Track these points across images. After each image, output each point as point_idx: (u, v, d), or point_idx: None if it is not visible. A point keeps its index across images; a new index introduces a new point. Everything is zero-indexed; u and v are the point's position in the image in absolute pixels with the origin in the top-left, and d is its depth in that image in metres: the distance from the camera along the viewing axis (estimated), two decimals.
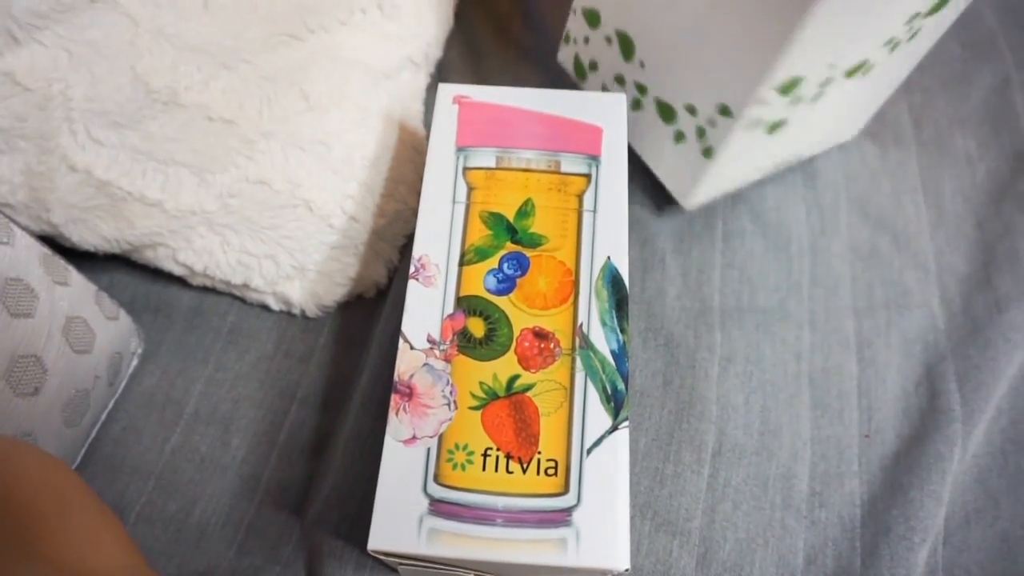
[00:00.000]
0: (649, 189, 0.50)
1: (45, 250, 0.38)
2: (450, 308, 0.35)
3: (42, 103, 0.38)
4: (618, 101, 0.41)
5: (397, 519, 0.30)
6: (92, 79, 0.39)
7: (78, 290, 0.39)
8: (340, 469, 0.40)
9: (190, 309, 0.46)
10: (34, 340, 0.35)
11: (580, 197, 0.38)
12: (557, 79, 0.56)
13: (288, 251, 0.43)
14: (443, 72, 0.55)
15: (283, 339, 0.45)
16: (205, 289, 0.46)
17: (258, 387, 0.44)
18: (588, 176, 0.38)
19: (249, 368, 0.44)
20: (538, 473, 0.31)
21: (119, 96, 0.40)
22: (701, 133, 0.41)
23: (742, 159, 0.43)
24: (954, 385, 0.44)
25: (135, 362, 0.44)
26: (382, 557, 0.31)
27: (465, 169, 0.38)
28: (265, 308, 0.46)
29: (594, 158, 0.39)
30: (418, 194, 0.48)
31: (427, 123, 0.52)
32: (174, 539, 0.40)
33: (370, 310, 0.46)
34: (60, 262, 0.39)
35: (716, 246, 0.49)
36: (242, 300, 0.46)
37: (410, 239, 0.47)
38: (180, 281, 0.46)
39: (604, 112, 0.40)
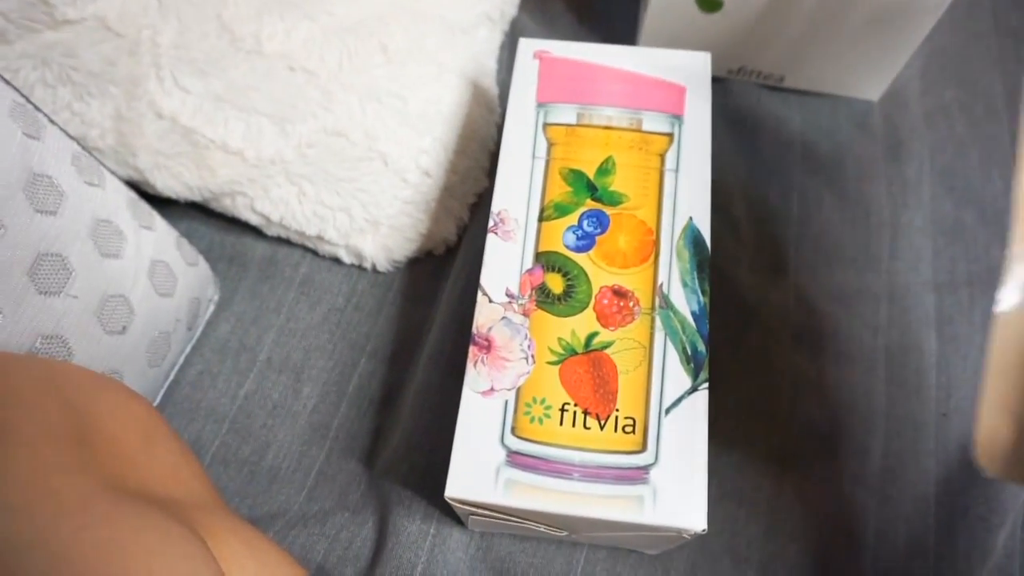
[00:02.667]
0: (728, 151, 0.49)
1: (132, 195, 0.39)
2: (529, 263, 0.34)
3: (132, 48, 0.39)
4: (703, 60, 0.40)
5: (474, 469, 0.30)
6: (180, 26, 0.39)
7: (161, 235, 0.40)
8: (408, 421, 0.41)
9: (264, 259, 0.47)
10: (122, 280, 0.36)
11: (662, 156, 0.37)
12: (630, 39, 0.55)
13: (362, 204, 0.43)
14: (516, 30, 0.54)
15: (353, 292, 0.46)
16: (279, 240, 0.47)
17: (328, 338, 0.45)
18: (671, 135, 0.38)
19: (320, 319, 0.45)
20: (615, 430, 0.31)
21: (205, 43, 0.40)
22: None
23: None
24: None
25: (211, 309, 0.45)
26: (456, 505, 0.31)
27: (545, 125, 0.38)
28: (336, 261, 0.46)
29: (677, 117, 0.38)
30: (489, 152, 0.48)
31: (500, 81, 0.51)
32: (247, 481, 0.41)
33: (438, 267, 0.47)
34: (145, 207, 0.39)
35: (792, 216, 0.48)
36: (314, 252, 0.46)
37: (480, 197, 0.47)
38: (254, 231, 0.46)
39: (688, 71, 0.39)
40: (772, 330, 0.43)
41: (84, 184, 0.35)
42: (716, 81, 0.51)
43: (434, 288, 0.46)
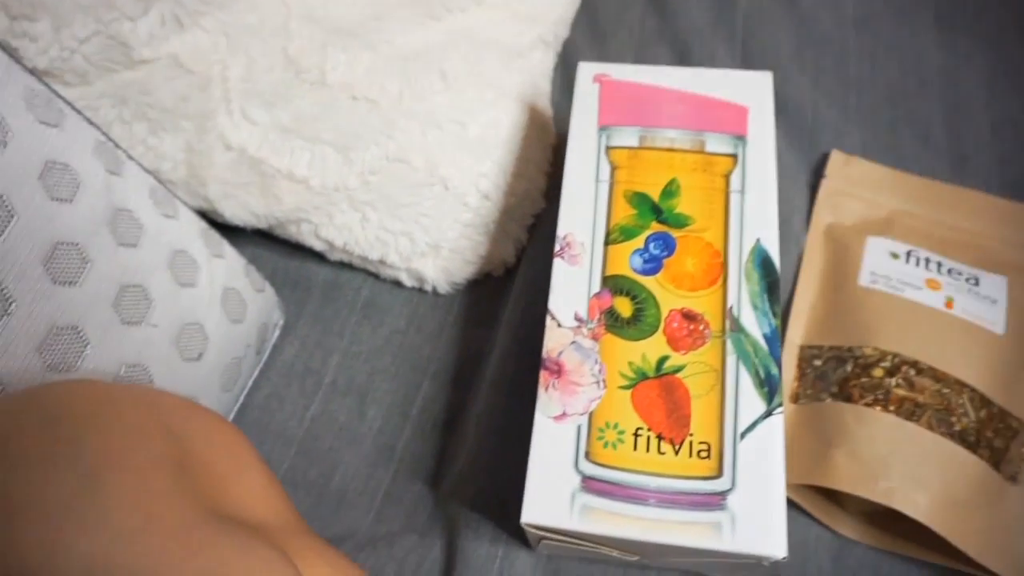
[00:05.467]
0: (790, 169, 0.48)
1: (203, 224, 0.40)
2: (596, 287, 0.34)
3: (203, 84, 0.40)
4: (764, 78, 0.40)
5: (550, 494, 0.30)
6: (247, 60, 0.41)
7: (231, 263, 0.41)
8: (473, 444, 0.41)
9: (327, 283, 0.47)
10: (198, 308, 0.37)
11: (727, 177, 0.37)
12: (684, 59, 0.55)
13: (424, 228, 0.44)
14: (568, 51, 0.55)
15: (415, 315, 0.46)
16: (341, 264, 0.48)
17: (391, 360, 0.45)
18: (735, 156, 0.37)
19: (383, 342, 0.46)
20: (690, 455, 0.31)
21: (271, 76, 0.41)
22: None
23: None
24: None
25: (277, 333, 0.46)
26: (530, 531, 0.31)
27: (608, 148, 0.38)
28: (398, 284, 0.47)
29: (740, 138, 0.38)
30: (545, 174, 0.48)
31: (555, 103, 0.52)
32: (316, 503, 0.41)
33: (497, 288, 0.47)
34: (216, 235, 0.41)
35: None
36: (376, 276, 0.47)
37: (538, 218, 0.48)
38: (317, 256, 0.47)
39: (749, 90, 0.39)
40: None
41: (161, 216, 0.37)
42: None
43: (493, 309, 0.46)
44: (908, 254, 0.43)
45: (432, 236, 0.44)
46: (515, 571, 0.38)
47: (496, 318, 0.46)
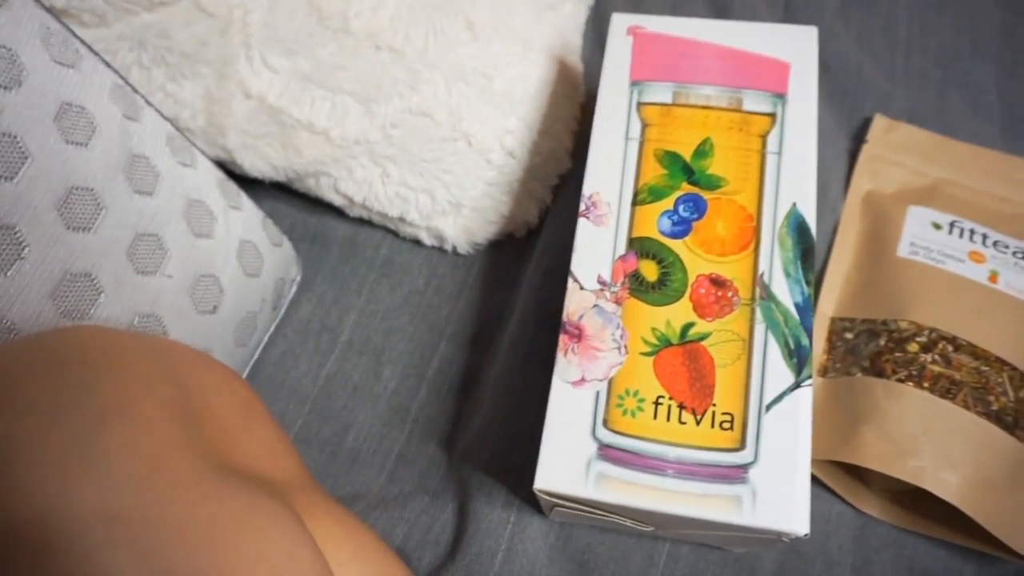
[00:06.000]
0: (830, 133, 0.46)
1: (221, 175, 0.39)
2: (622, 249, 0.33)
3: (223, 28, 0.39)
4: (808, 33, 0.37)
5: (565, 461, 0.29)
6: (270, 5, 0.39)
7: (249, 215, 0.40)
8: (489, 407, 0.40)
9: (345, 240, 0.47)
10: (213, 260, 0.37)
11: (764, 138, 0.35)
12: (723, 13, 0.52)
13: (445, 185, 0.43)
14: (602, 5, 0.53)
15: (434, 275, 0.45)
16: (360, 221, 0.47)
17: (408, 320, 0.44)
18: (773, 115, 0.35)
19: (400, 301, 0.45)
20: (712, 426, 0.29)
21: (293, 22, 0.40)
22: None
23: None
24: None
25: (294, 289, 0.45)
26: (543, 497, 0.30)
27: (640, 104, 0.36)
28: (417, 243, 0.46)
29: (780, 96, 0.36)
30: (572, 133, 0.46)
31: (585, 58, 0.50)
32: (329, 461, 0.41)
33: (519, 250, 0.46)
34: (234, 187, 0.40)
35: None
36: (395, 233, 0.46)
37: (563, 179, 0.46)
38: (336, 212, 0.46)
39: (792, 46, 0.37)
40: None
41: (178, 164, 0.36)
42: None
43: (515, 271, 0.45)
44: (952, 225, 0.40)
45: (454, 194, 0.43)
46: (527, 537, 0.37)
47: (517, 280, 0.44)
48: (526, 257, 0.45)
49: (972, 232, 0.40)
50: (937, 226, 0.41)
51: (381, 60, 0.41)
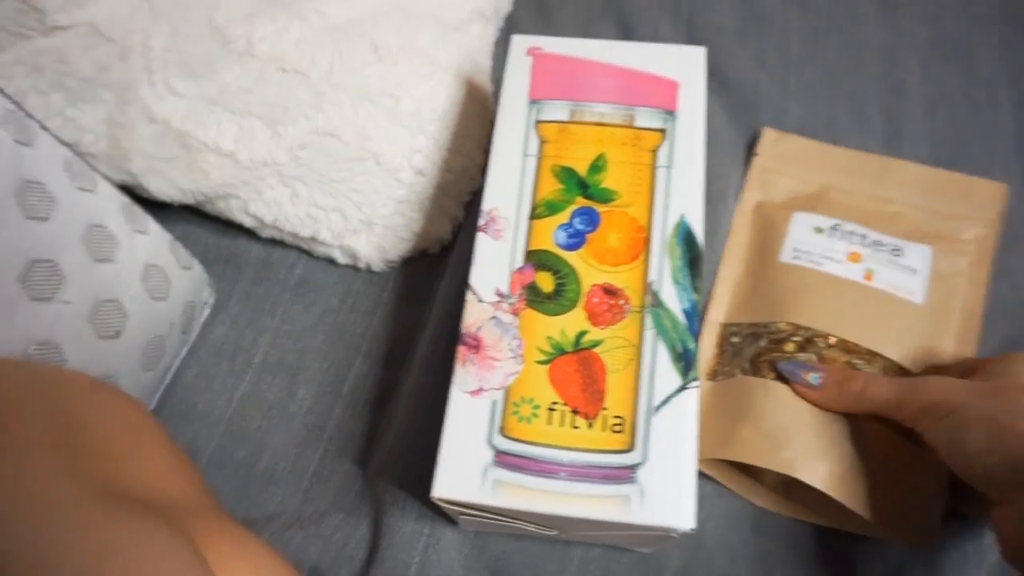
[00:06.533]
0: (730, 146, 0.48)
1: (125, 199, 0.39)
2: (519, 262, 0.34)
3: (123, 53, 0.39)
4: (697, 53, 0.39)
5: (462, 469, 0.30)
6: (171, 29, 0.40)
7: (155, 239, 0.40)
8: (403, 421, 0.41)
9: (259, 261, 0.47)
10: (115, 285, 0.36)
11: (655, 152, 0.37)
12: (629, 34, 0.55)
13: (356, 204, 0.43)
14: (512, 26, 0.54)
15: (348, 293, 0.46)
16: (273, 242, 0.47)
17: (324, 339, 0.45)
18: (663, 131, 0.37)
19: (315, 320, 0.45)
20: (604, 429, 0.31)
21: (197, 47, 0.40)
22: None
23: None
24: None
25: (207, 312, 0.45)
26: (444, 506, 0.31)
27: (538, 122, 0.38)
28: (331, 261, 0.46)
29: (670, 112, 0.38)
30: (485, 151, 0.47)
31: (495, 79, 0.51)
32: (244, 483, 0.41)
33: (433, 266, 0.46)
34: (139, 211, 0.40)
35: None
36: (309, 253, 0.47)
37: (476, 196, 0.47)
38: (249, 233, 0.46)
39: (682, 65, 0.39)
40: None
41: (76, 190, 0.36)
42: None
43: (429, 287, 0.46)
44: (833, 228, 0.42)
45: (365, 212, 0.44)
46: (441, 547, 0.38)
47: (431, 296, 0.45)
48: (440, 273, 0.46)
49: (852, 233, 0.42)
50: (819, 230, 0.42)
51: (287, 83, 0.41)
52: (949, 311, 0.40)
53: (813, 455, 0.35)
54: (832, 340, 0.38)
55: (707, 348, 0.41)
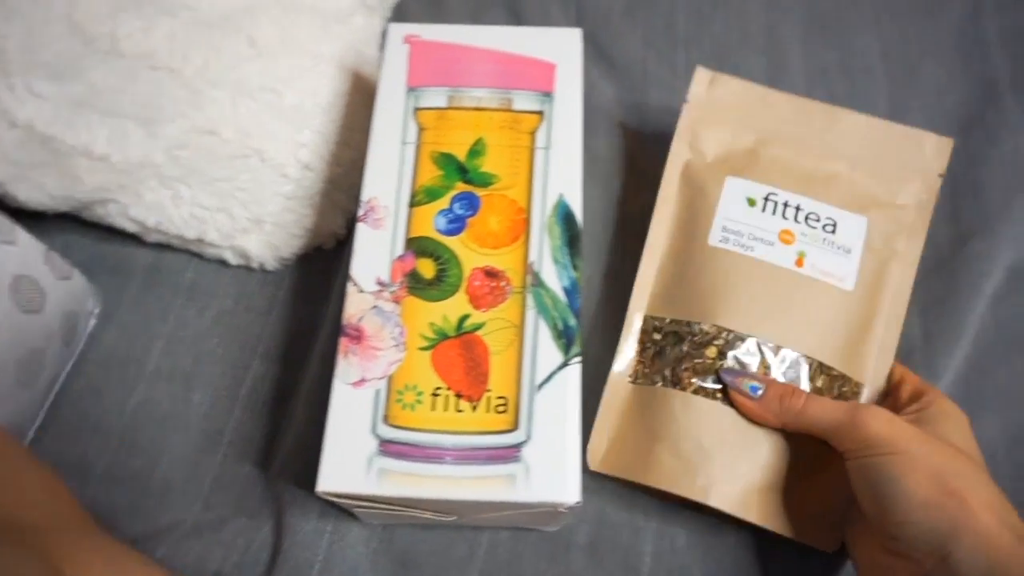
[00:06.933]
0: (623, 127, 0.49)
1: None
2: (400, 250, 0.34)
3: None
4: (572, 36, 0.40)
5: (346, 461, 0.30)
6: (26, 28, 0.38)
7: (25, 249, 0.38)
8: (302, 420, 0.40)
9: (147, 267, 0.45)
10: None
11: (533, 135, 0.37)
12: (519, 20, 0.55)
13: (242, 203, 0.42)
14: (401, 15, 0.54)
15: (242, 294, 0.45)
16: (161, 246, 0.45)
17: (219, 342, 0.44)
18: (541, 113, 0.37)
19: (209, 324, 0.44)
20: (488, 411, 0.31)
21: (57, 46, 0.38)
22: None
23: None
24: (917, 319, 0.44)
25: (93, 322, 0.44)
26: (335, 500, 0.31)
27: (416, 109, 0.38)
28: (223, 263, 0.45)
29: (547, 95, 0.38)
30: None
31: None
32: (139, 496, 0.40)
33: (330, 261, 0.46)
34: (5, 221, 0.38)
35: None
36: (199, 256, 0.45)
37: None
38: (136, 239, 0.45)
39: (558, 47, 0.39)
40: None
41: None
42: None
43: (326, 283, 0.45)
44: (766, 199, 0.39)
45: (252, 211, 0.43)
46: (346, 543, 0.37)
47: (328, 292, 0.45)
48: (336, 268, 0.45)
49: (786, 205, 0.39)
50: (751, 202, 0.39)
51: (159, 81, 0.40)
52: (879, 297, 0.38)
53: (728, 478, 0.34)
54: (754, 342, 0.36)
55: (630, 345, 0.39)
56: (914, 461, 0.30)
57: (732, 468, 0.35)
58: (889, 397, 0.37)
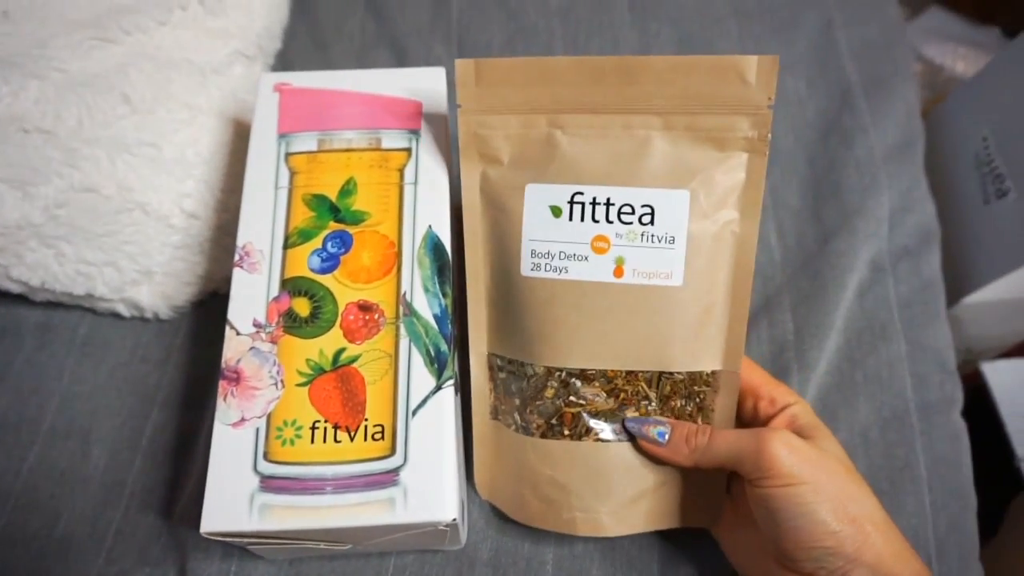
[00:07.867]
0: None
1: None
2: (275, 291, 0.35)
3: None
4: (436, 74, 0.42)
5: (228, 500, 0.31)
6: None
7: None
8: (202, 464, 0.40)
9: (38, 326, 0.45)
10: None
11: (401, 171, 0.39)
12: (404, 60, 0.57)
13: (129, 256, 0.43)
14: (285, 63, 0.55)
15: (138, 344, 0.45)
16: (51, 304, 0.45)
17: (116, 395, 0.44)
18: (408, 150, 0.39)
19: (106, 377, 0.44)
20: (365, 439, 0.32)
21: None
22: None
23: None
24: (788, 315, 0.47)
25: None
26: (225, 540, 0.31)
27: (287, 155, 0.39)
28: (117, 316, 0.46)
29: (414, 132, 0.40)
30: None
31: None
32: (38, 557, 0.39)
33: (225, 305, 0.46)
34: None
35: None
36: (92, 311, 0.46)
37: None
38: (23, 299, 0.45)
39: (424, 86, 0.41)
40: None
41: None
42: None
43: (223, 327, 0.46)
44: (572, 203, 0.35)
45: (140, 263, 0.43)
46: None
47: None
48: None
49: (595, 204, 0.35)
50: (556, 211, 0.35)
51: (31, 143, 0.40)
52: (715, 276, 0.35)
53: (590, 506, 0.36)
54: (589, 374, 0.35)
55: (483, 382, 0.38)
56: (820, 491, 0.31)
57: (593, 496, 0.36)
58: (749, 400, 0.38)
